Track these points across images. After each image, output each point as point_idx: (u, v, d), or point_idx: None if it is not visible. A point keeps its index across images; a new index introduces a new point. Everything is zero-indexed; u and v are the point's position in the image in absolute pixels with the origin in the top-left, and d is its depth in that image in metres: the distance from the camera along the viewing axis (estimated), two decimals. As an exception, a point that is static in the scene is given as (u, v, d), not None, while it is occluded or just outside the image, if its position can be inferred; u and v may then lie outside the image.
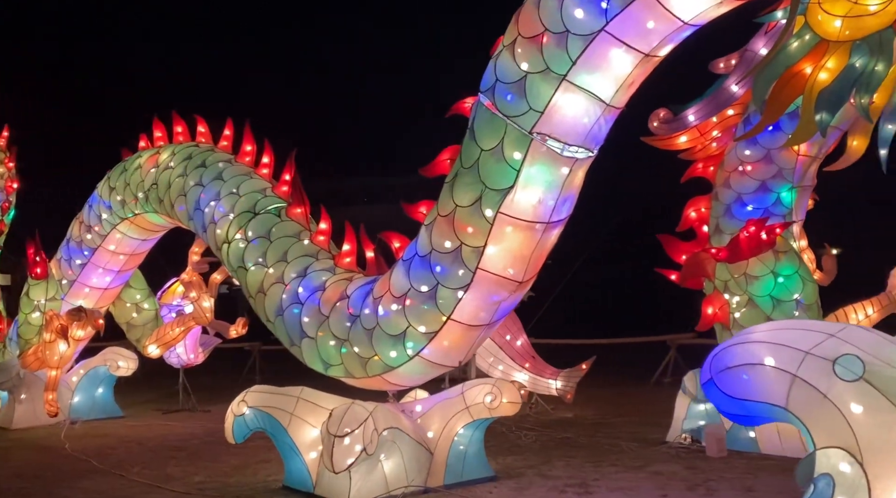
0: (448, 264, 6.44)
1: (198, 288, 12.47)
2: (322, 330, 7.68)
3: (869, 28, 7.41)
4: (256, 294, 8.55)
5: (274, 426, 7.45)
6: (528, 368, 11.80)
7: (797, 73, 7.95)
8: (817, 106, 7.84)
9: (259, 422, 7.49)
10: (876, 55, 7.65)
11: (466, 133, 6.46)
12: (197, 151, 10.12)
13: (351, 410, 6.74)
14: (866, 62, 7.68)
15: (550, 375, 11.80)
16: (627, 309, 23.81)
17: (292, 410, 7.45)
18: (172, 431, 11.77)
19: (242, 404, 7.49)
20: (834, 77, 7.75)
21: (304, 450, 7.35)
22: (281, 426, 7.41)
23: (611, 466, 8.34)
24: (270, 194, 9.13)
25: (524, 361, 11.86)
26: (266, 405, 7.48)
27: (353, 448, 6.54)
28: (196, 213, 9.58)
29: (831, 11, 7.39)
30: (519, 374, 11.69)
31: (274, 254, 8.49)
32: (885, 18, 7.30)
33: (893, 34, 7.70)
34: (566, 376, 11.68)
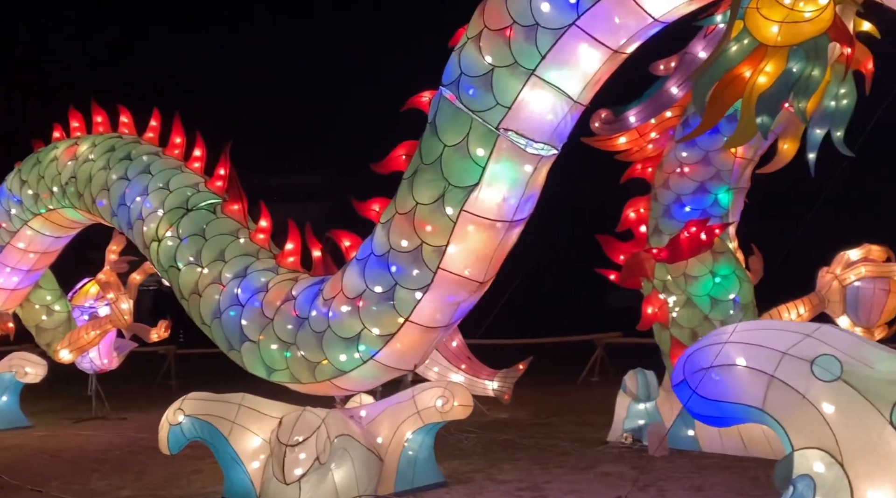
0: (407, 264, 6.20)
1: (115, 289, 11.81)
2: (265, 333, 7.30)
3: (804, 34, 7.61)
4: (190, 296, 8.06)
5: (213, 435, 7.03)
6: (464, 369, 11.65)
7: (736, 77, 8.10)
8: (758, 109, 8.00)
9: (197, 431, 7.05)
10: (812, 61, 7.86)
11: (426, 128, 6.24)
12: (121, 143, 9.48)
13: (303, 417, 6.41)
14: (803, 67, 7.89)
15: (487, 376, 11.68)
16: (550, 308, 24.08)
17: (233, 418, 7.05)
18: (89, 442, 11.04)
19: (179, 413, 7.03)
20: (772, 81, 7.95)
21: (247, 460, 6.96)
22: (221, 435, 7.00)
23: (557, 468, 8.29)
24: (204, 190, 8.63)
25: (460, 362, 11.70)
26: (205, 413, 7.05)
27: (305, 457, 6.22)
28: (121, 208, 8.97)
29: (769, 17, 7.56)
30: (455, 375, 11.52)
31: (209, 253, 8.01)
32: (820, 25, 7.51)
33: (828, 40, 7.97)
34: (503, 377, 11.59)
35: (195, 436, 7.08)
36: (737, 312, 9.35)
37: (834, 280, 9.85)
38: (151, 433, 11.58)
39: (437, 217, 6.02)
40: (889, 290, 9.66)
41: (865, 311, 9.71)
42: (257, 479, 6.90)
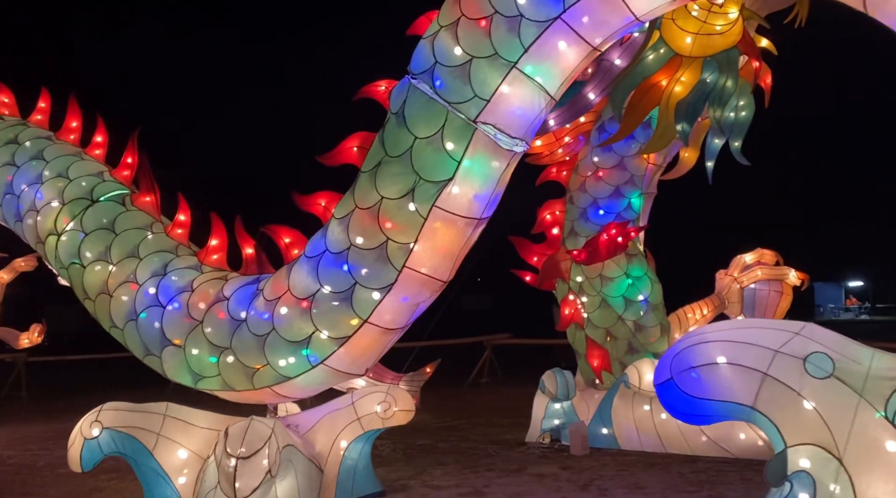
0: (370, 262, 5.82)
1: (-22, 289, 10.52)
2: (192, 337, 6.64)
3: (716, 47, 7.99)
4: (97, 296, 7.21)
5: (136, 449, 6.31)
6: (368, 374, 11.30)
7: (654, 85, 8.36)
8: (677, 117, 8.29)
9: (116, 445, 6.30)
10: (725, 72, 8.26)
11: (391, 119, 5.89)
12: (3, 125, 8.37)
13: (252, 427, 5.87)
14: (717, 78, 8.27)
15: (392, 380, 11.39)
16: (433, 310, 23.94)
17: (158, 430, 6.37)
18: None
19: (96, 425, 6.25)
20: (688, 90, 8.25)
21: (174, 475, 6.31)
22: (145, 449, 6.30)
23: (488, 471, 8.14)
24: (109, 179, 7.78)
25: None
26: (126, 425, 6.31)
27: (258, 470, 5.69)
28: (7, 198, 7.89)
29: (684, 28, 7.87)
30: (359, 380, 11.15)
31: (120, 249, 7.21)
32: (730, 39, 7.91)
33: (738, 53, 8.39)
34: (409, 381, 11.31)
35: (113, 451, 6.32)
36: (648, 312, 9.65)
37: (733, 282, 10.41)
38: (19, 450, 10.45)
39: (405, 213, 5.70)
40: (782, 291, 10.33)
41: (761, 311, 10.34)
42: (187, 495, 6.26)
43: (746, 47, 8.38)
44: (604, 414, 9.26)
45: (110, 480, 8.21)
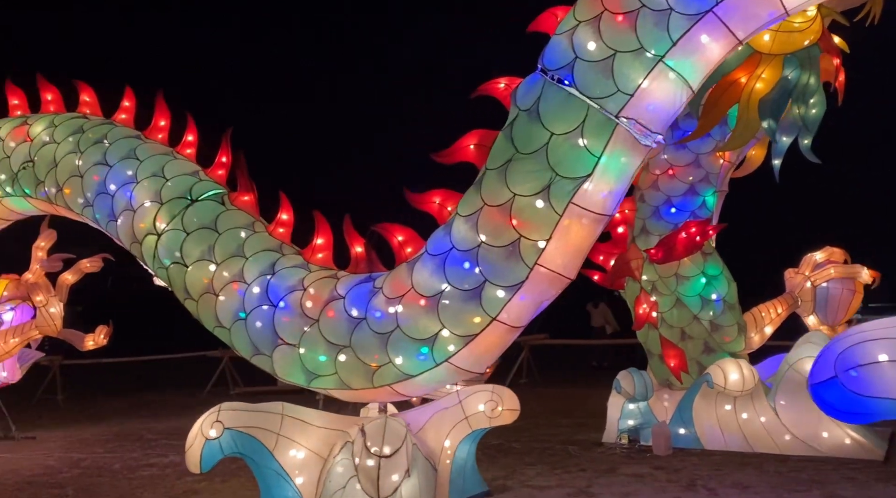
0: (500, 260, 5.78)
1: (45, 291, 10.42)
2: (307, 336, 6.58)
3: (796, 44, 7.96)
4: (200, 296, 7.15)
5: (256, 450, 6.24)
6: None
7: (733, 83, 8.34)
8: (762, 113, 8.27)
9: (237, 446, 6.23)
10: (807, 69, 8.27)
11: (520, 116, 5.86)
12: (90, 124, 8.30)
13: (389, 426, 5.83)
14: (798, 75, 8.27)
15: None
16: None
17: (278, 430, 6.31)
18: (18, 465, 9.58)
19: (218, 425, 6.19)
20: (769, 87, 8.24)
21: (294, 474, 6.27)
22: (265, 449, 6.24)
23: (581, 471, 8.09)
24: (205, 178, 7.74)
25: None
26: (247, 426, 6.25)
27: (400, 469, 5.65)
28: (99, 198, 7.83)
29: (763, 25, 7.88)
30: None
31: (224, 248, 7.15)
32: (811, 36, 7.88)
33: (819, 51, 8.40)
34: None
35: (233, 451, 6.26)
36: (724, 311, 9.63)
37: (805, 281, 10.39)
38: (85, 453, 10.35)
39: (539, 210, 5.66)
40: (854, 290, 10.32)
41: (833, 310, 10.32)
42: (308, 494, 6.21)
43: (826, 45, 8.40)
44: (684, 414, 9.23)
45: (200, 483, 8.14)
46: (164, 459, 9.70)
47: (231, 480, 8.07)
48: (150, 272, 7.69)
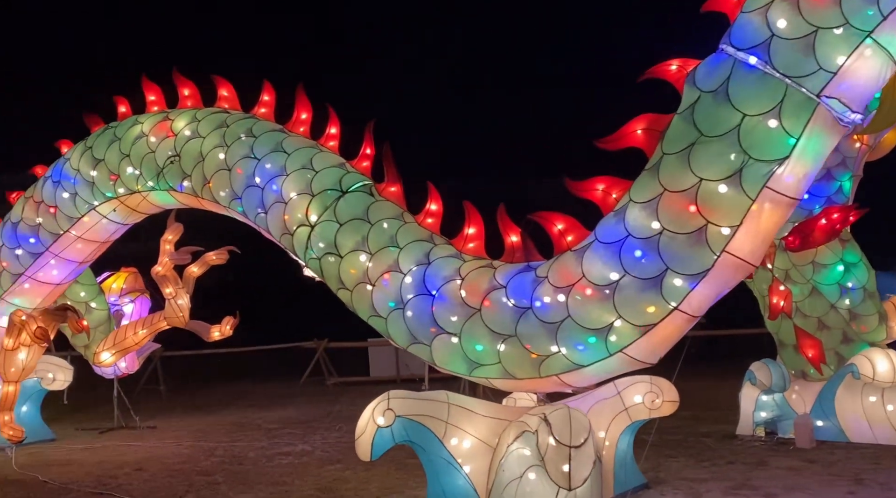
0: (684, 247, 5.56)
1: (173, 283, 10.51)
2: (469, 325, 6.48)
3: None
4: (355, 286, 7.12)
5: (426, 438, 6.16)
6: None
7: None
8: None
9: (407, 434, 6.16)
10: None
11: (702, 97, 5.63)
12: (233, 119, 8.35)
13: (574, 416, 5.69)
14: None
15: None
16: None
17: (446, 419, 6.23)
18: (151, 453, 9.72)
19: (389, 413, 6.14)
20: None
21: (463, 463, 6.18)
22: (435, 438, 6.15)
23: (730, 464, 7.82)
24: (352, 170, 7.72)
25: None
26: (416, 414, 6.17)
27: (588, 459, 5.52)
28: (249, 190, 7.86)
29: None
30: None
31: (378, 239, 7.10)
32: None
33: None
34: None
35: (403, 439, 6.19)
36: (864, 300, 9.23)
37: (942, 269, 9.92)
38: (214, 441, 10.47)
39: (729, 195, 5.42)
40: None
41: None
42: (480, 483, 6.11)
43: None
44: (825, 405, 8.88)
45: (344, 471, 8.15)
46: (294, 447, 9.75)
47: (375, 469, 8.04)
48: (302, 263, 7.70)
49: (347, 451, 9.18)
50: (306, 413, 12.99)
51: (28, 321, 8.75)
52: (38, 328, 8.75)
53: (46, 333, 8.80)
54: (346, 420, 11.76)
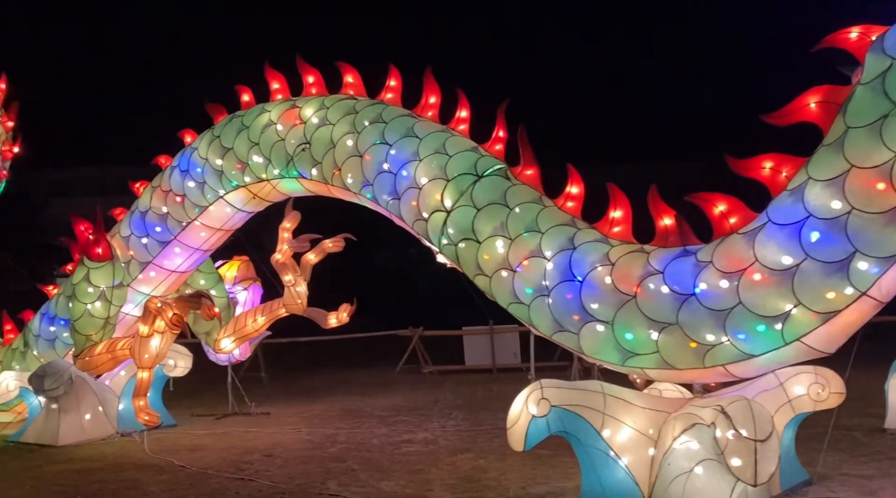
0: (877, 228, 5.08)
1: (292, 270, 10.51)
2: (623, 313, 6.15)
3: None
4: (494, 272, 6.89)
5: (582, 429, 5.87)
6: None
7: None
8: None
9: (563, 424, 5.89)
10: None
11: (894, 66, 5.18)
12: (362, 105, 8.21)
13: (755, 408, 5.33)
14: None
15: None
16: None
17: (603, 409, 5.93)
18: (273, 440, 9.74)
19: (544, 403, 5.88)
20: None
21: (622, 455, 5.88)
22: (592, 429, 5.86)
23: (890, 460, 7.32)
24: (486, 154, 7.47)
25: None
26: (572, 404, 5.90)
27: (773, 454, 5.17)
28: (380, 177, 7.70)
29: None
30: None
31: (518, 223, 6.84)
32: None
33: None
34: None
35: (558, 429, 5.91)
36: None
37: None
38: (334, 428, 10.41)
39: (932, 169, 4.97)
40: None
41: None
42: (641, 476, 5.80)
43: None
44: (985, 398, 8.23)
45: (478, 460, 7.93)
46: (414, 435, 9.59)
47: (509, 459, 7.80)
48: (435, 250, 7.50)
49: (472, 440, 9.00)
50: (412, 401, 12.86)
51: (164, 308, 8.82)
52: (174, 315, 8.80)
53: (182, 319, 8.86)
54: (454, 408, 11.60)
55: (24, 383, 10.17)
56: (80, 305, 9.68)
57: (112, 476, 7.88)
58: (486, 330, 16.73)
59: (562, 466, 7.28)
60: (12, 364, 10.72)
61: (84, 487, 7.40)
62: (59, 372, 9.63)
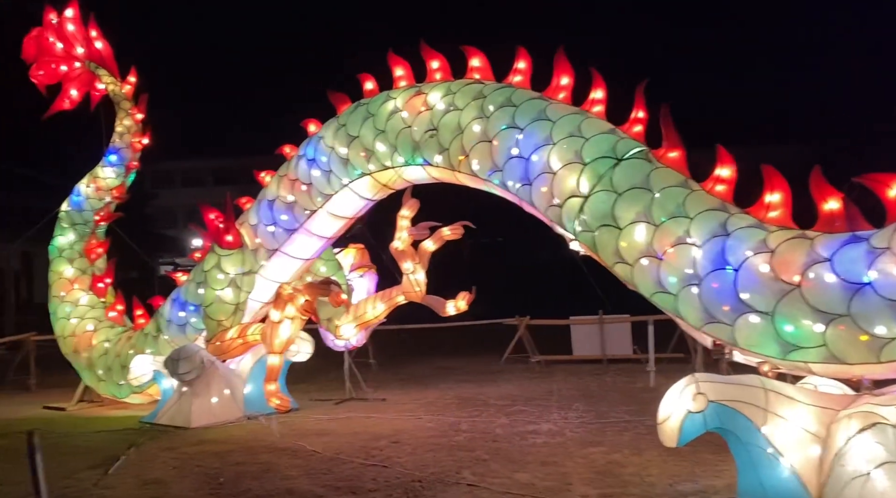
0: None
1: (412, 258, 10.40)
2: (785, 303, 5.70)
3: None
4: (637, 260, 6.54)
5: (741, 425, 5.46)
6: None
7: None
8: None
9: (721, 420, 5.51)
10: None
11: None
12: (490, 89, 7.99)
13: None
14: None
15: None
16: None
17: (765, 405, 5.51)
18: (397, 426, 9.68)
19: (700, 398, 5.52)
20: None
21: (787, 454, 5.45)
22: (752, 425, 5.46)
23: None
24: (624, 136, 7.12)
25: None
26: (731, 399, 5.50)
27: None
28: (511, 162, 7.46)
29: None
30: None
31: (663, 209, 6.46)
32: None
33: None
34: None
35: (715, 426, 5.54)
36: None
37: None
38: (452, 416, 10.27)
39: None
40: None
41: None
42: (808, 477, 5.36)
43: None
44: None
45: (612, 454, 7.61)
46: (538, 426, 9.34)
47: (645, 453, 7.47)
48: (568, 237, 7.20)
49: (601, 432, 8.68)
50: (527, 390, 12.63)
51: (295, 295, 8.87)
52: (306, 301, 8.84)
53: (312, 306, 8.89)
54: (571, 400, 11.29)
55: (157, 367, 10.46)
56: (211, 291, 9.88)
57: (248, 458, 7.98)
58: (594, 319, 16.30)
59: (706, 463, 6.89)
60: (145, 348, 11.06)
61: (224, 469, 7.50)
62: (192, 356, 9.85)
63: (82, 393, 12.25)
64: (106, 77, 12.38)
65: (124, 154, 12.33)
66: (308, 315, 9.14)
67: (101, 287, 12.05)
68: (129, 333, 11.46)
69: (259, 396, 10.42)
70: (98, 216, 12.25)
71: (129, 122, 12.45)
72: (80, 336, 11.85)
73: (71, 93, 12.45)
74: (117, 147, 12.29)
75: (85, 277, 12.22)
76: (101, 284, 12.06)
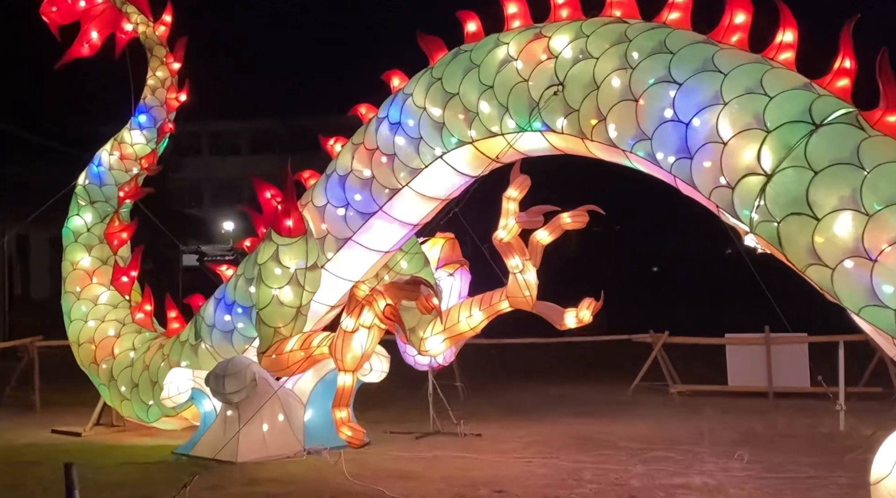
0: None
1: (520, 253, 10.39)
2: None
3: None
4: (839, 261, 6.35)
5: None
6: None
7: None
8: None
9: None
10: None
11: None
12: (635, 30, 7.88)
13: None
14: None
15: None
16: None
17: None
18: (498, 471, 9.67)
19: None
20: None
21: None
22: None
23: None
24: (824, 93, 6.94)
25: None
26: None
27: None
28: (664, 127, 7.38)
29: None
30: None
31: (878, 191, 6.26)
32: None
33: None
34: None
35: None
36: None
37: None
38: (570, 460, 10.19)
39: None
40: None
41: None
42: None
43: None
44: None
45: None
46: (689, 478, 9.22)
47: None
48: (742, 228, 7.06)
49: (777, 492, 8.50)
50: (667, 430, 12.49)
51: (374, 297, 8.97)
52: (388, 306, 8.94)
53: (396, 311, 8.98)
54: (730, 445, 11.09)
55: (195, 384, 10.75)
56: (266, 290, 10.11)
57: (312, 505, 8.17)
58: (759, 338, 15.96)
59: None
60: (180, 360, 11.35)
61: (283, 517, 7.70)
62: (241, 372, 10.10)
63: (100, 414, 12.70)
64: (135, 16, 12.80)
65: (156, 113, 12.75)
66: (390, 324, 9.23)
67: (124, 281, 12.39)
68: (161, 341, 11.86)
69: (322, 424, 10.63)
70: (123, 192, 12.60)
71: (162, 73, 12.87)
72: (100, 343, 12.28)
73: (91, 35, 12.86)
74: (148, 105, 12.73)
75: (106, 269, 12.61)
76: (126, 278, 12.39)
